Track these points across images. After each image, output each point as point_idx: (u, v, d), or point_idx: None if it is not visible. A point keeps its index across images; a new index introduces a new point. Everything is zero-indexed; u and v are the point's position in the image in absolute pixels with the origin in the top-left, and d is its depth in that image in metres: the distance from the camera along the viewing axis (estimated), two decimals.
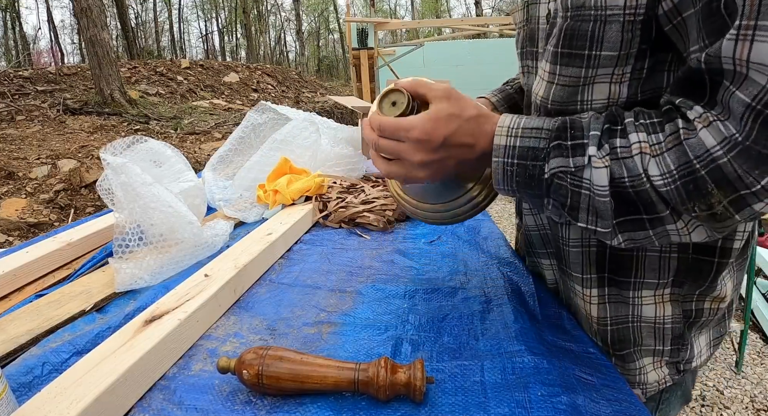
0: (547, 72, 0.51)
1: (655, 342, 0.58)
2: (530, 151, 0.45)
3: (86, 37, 5.99)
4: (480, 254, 0.79)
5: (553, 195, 0.45)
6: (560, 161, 0.44)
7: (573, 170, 0.43)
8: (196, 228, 0.78)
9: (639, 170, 0.41)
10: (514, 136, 0.46)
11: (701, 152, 0.38)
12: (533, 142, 0.45)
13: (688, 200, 0.39)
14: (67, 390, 0.43)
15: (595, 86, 0.48)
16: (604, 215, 0.43)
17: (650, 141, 0.41)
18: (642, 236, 0.44)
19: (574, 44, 0.47)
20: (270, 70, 11.31)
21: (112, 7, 16.06)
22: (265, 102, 1.26)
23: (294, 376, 0.45)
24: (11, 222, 3.16)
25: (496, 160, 0.46)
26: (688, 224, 0.42)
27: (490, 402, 0.44)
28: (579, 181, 0.43)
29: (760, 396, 1.75)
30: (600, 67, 0.47)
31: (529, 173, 0.45)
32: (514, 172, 0.46)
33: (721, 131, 0.38)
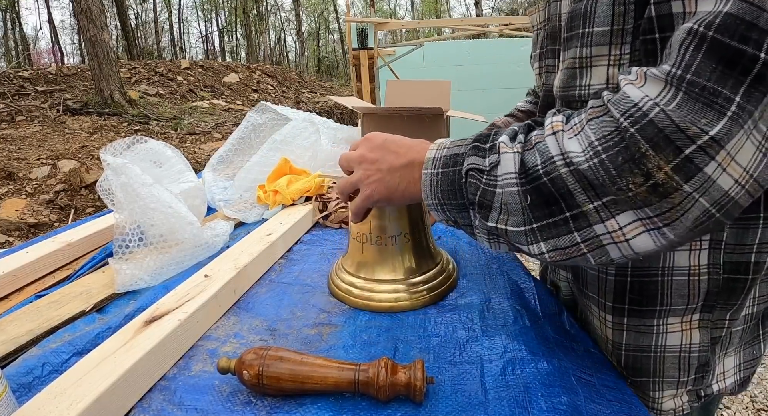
0: (561, 60, 0.51)
1: (679, 374, 0.53)
2: (452, 158, 0.45)
3: (86, 37, 5.99)
4: (480, 254, 0.79)
5: (468, 199, 0.43)
6: (474, 159, 0.42)
7: (487, 169, 0.41)
8: (196, 229, 0.78)
9: (551, 153, 0.36)
10: (443, 148, 0.47)
11: (628, 107, 0.32)
12: (456, 150, 0.45)
13: (618, 175, 0.32)
14: (67, 391, 0.43)
15: (593, 70, 0.46)
16: (514, 209, 0.38)
17: (571, 122, 0.37)
18: (567, 242, 0.37)
19: (572, 25, 0.47)
20: (270, 71, 11.31)
21: (112, 8, 16.05)
22: (265, 102, 1.26)
23: (294, 376, 0.45)
24: (11, 222, 3.16)
25: (425, 172, 0.47)
26: (623, 226, 0.34)
27: (490, 402, 0.44)
28: (494, 179, 0.40)
29: (761, 396, 1.75)
30: (594, 46, 0.45)
31: (450, 178, 0.44)
32: (438, 181, 0.45)
33: (655, 77, 0.31)
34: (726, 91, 0.29)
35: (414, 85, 1.69)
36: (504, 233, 0.41)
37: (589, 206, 0.34)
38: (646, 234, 0.34)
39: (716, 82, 0.29)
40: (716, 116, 0.29)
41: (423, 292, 0.63)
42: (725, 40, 0.29)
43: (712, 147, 0.29)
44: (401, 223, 0.63)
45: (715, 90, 0.29)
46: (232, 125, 5.78)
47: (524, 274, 0.70)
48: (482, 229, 0.43)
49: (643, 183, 0.31)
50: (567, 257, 0.38)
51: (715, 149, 0.30)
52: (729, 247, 0.47)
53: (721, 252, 0.47)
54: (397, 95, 1.68)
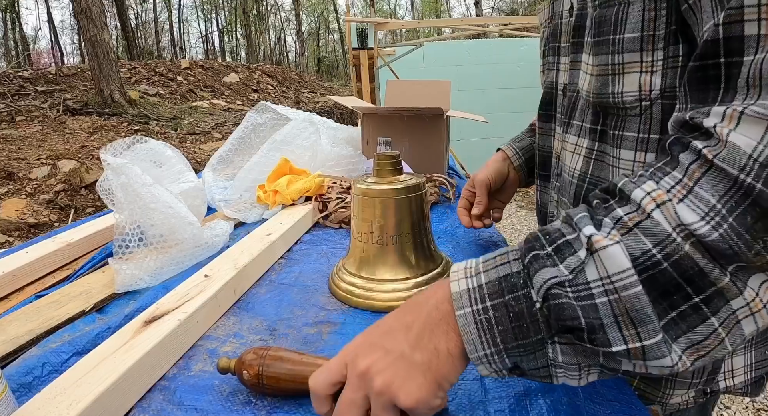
0: (588, 64, 0.50)
1: (693, 375, 0.53)
2: (503, 281, 0.33)
3: (86, 37, 5.99)
4: (480, 255, 0.79)
5: (559, 328, 0.31)
6: (548, 272, 0.31)
7: (570, 278, 0.30)
8: (196, 229, 0.78)
9: (666, 230, 0.29)
10: (476, 274, 0.35)
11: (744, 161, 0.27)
12: (503, 269, 0.34)
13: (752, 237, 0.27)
14: (67, 391, 0.43)
15: (625, 77, 0.45)
16: (644, 316, 0.29)
17: (664, 186, 0.30)
18: (705, 332, 0.29)
19: (601, 31, 0.46)
20: (270, 71, 11.31)
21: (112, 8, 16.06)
22: (265, 102, 1.26)
23: (294, 376, 0.44)
24: (11, 222, 3.16)
25: (461, 313, 0.33)
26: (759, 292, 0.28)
27: (490, 401, 0.44)
28: (586, 288, 0.30)
29: (761, 396, 1.75)
30: (625, 52, 0.44)
31: (514, 311, 0.32)
32: (492, 319, 0.32)
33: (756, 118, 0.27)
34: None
35: (414, 85, 1.69)
36: (641, 352, 0.29)
37: (725, 280, 0.28)
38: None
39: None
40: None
41: None
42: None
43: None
44: (402, 223, 0.63)
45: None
46: (232, 125, 5.78)
47: None
48: (570, 364, 0.32)
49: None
50: (707, 350, 0.30)
51: None
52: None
53: None
54: (397, 95, 1.68)
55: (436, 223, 0.95)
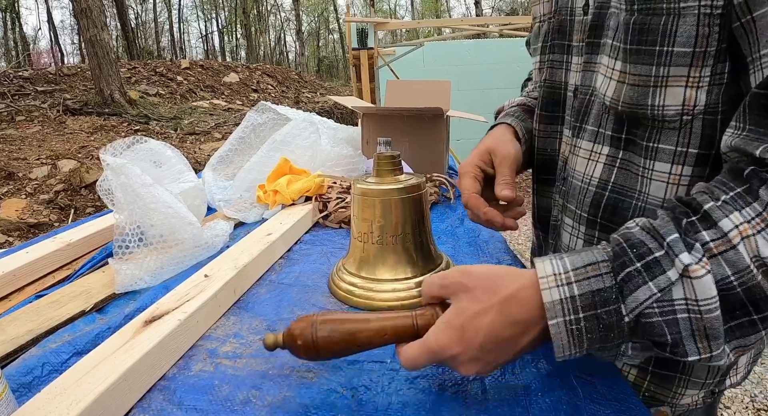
0: (616, 70, 0.47)
1: (707, 376, 0.54)
2: (596, 295, 0.35)
3: (86, 37, 5.99)
4: (480, 255, 0.79)
5: (638, 338, 0.36)
6: (641, 294, 0.34)
7: (659, 296, 0.34)
8: (196, 229, 0.78)
9: (746, 262, 0.33)
10: (567, 283, 0.36)
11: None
12: (595, 283, 0.36)
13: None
14: (67, 391, 0.43)
15: (668, 90, 0.44)
16: (716, 333, 0.34)
17: (746, 217, 0.34)
18: (753, 339, 0.35)
19: (644, 40, 0.43)
20: (270, 71, 11.31)
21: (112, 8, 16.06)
22: (265, 102, 1.26)
23: (350, 334, 0.42)
24: (11, 222, 3.16)
25: (554, 323, 0.36)
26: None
27: (490, 402, 0.44)
28: (670, 305, 0.34)
29: (761, 396, 1.75)
30: (672, 66, 0.42)
31: (604, 323, 0.35)
32: (583, 329, 0.35)
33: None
34: None
35: (414, 85, 1.69)
36: (708, 360, 0.35)
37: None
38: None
39: None
40: None
41: None
42: None
43: None
44: (402, 223, 0.63)
45: None
46: (232, 125, 5.78)
47: None
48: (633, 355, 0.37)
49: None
50: (747, 350, 0.36)
51: None
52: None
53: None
54: (397, 95, 1.68)
55: (436, 223, 0.95)
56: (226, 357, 0.53)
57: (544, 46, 0.59)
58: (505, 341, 0.38)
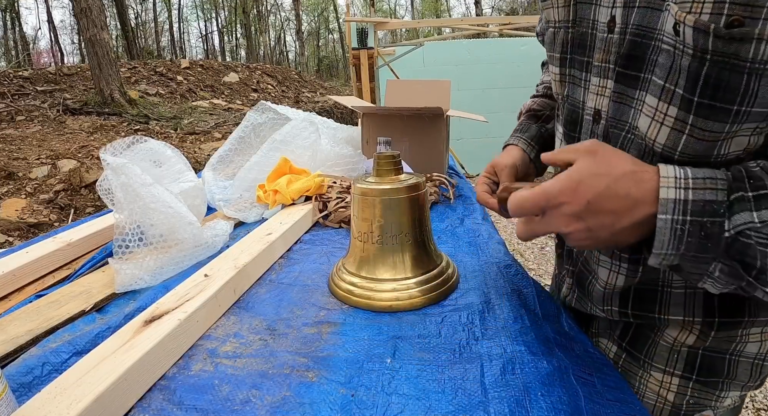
0: (672, 118, 0.43)
1: (749, 378, 0.55)
2: (707, 205, 0.38)
3: (86, 37, 5.99)
4: (480, 255, 0.79)
5: (730, 258, 0.38)
6: (746, 216, 0.37)
7: (759, 226, 0.37)
8: (196, 228, 0.78)
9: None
10: (685, 188, 0.39)
11: None
12: (710, 194, 0.38)
13: None
14: (67, 391, 0.43)
15: (734, 140, 0.42)
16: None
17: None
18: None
19: (720, 96, 0.40)
20: (270, 70, 11.31)
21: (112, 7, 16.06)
22: (265, 102, 1.26)
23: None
24: (11, 222, 3.16)
25: (663, 217, 0.38)
26: None
27: (490, 402, 0.44)
28: (765, 237, 0.37)
29: (760, 396, 1.75)
30: (746, 123, 0.41)
31: (706, 231, 0.38)
32: (686, 231, 0.38)
33: None
34: None
35: (414, 85, 1.69)
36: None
37: None
38: None
39: None
40: None
41: (423, 292, 0.63)
42: None
43: None
44: (402, 223, 0.63)
45: None
46: (232, 125, 5.78)
47: (524, 275, 0.70)
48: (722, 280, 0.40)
49: None
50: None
51: None
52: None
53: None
54: (397, 95, 1.68)
55: (436, 223, 0.95)
56: (226, 357, 0.53)
57: (563, 58, 0.55)
58: (612, 211, 0.40)
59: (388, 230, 0.63)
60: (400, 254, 0.64)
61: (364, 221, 0.65)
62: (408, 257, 0.65)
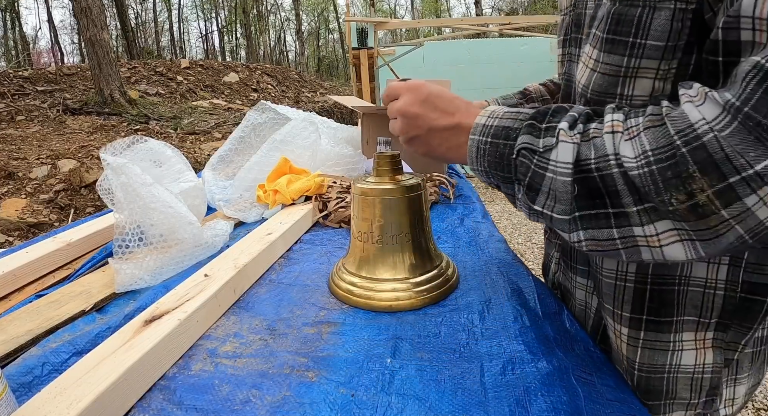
0: (592, 58, 0.48)
1: (690, 395, 0.53)
2: (504, 130, 0.44)
3: (86, 37, 5.99)
4: (480, 255, 0.79)
5: (517, 176, 0.43)
6: (528, 139, 0.42)
7: (541, 151, 0.40)
8: (196, 228, 0.78)
9: (607, 151, 0.37)
10: (495, 117, 0.46)
11: (683, 127, 0.32)
12: (509, 122, 0.45)
13: (664, 188, 0.33)
14: (67, 390, 0.43)
15: (637, 80, 0.44)
16: (562, 198, 0.39)
17: (627, 123, 0.37)
18: (605, 235, 0.38)
19: (619, 30, 0.43)
20: (270, 70, 11.31)
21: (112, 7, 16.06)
22: (265, 102, 1.26)
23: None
24: (11, 222, 3.16)
25: (472, 138, 0.47)
26: (660, 233, 0.36)
27: (490, 401, 0.44)
28: (545, 163, 0.40)
29: (760, 396, 1.75)
30: (644, 58, 0.43)
31: (500, 152, 0.44)
32: (486, 150, 0.45)
33: (714, 101, 0.32)
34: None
35: None
36: (549, 218, 0.41)
37: (632, 208, 0.36)
38: (679, 244, 0.35)
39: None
40: (765, 152, 0.29)
41: (423, 292, 0.63)
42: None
43: (756, 181, 0.30)
44: (402, 223, 0.63)
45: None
46: (232, 125, 5.78)
47: (524, 274, 0.70)
48: (525, 204, 0.44)
49: (685, 201, 0.33)
50: (602, 249, 0.39)
51: (758, 183, 0.30)
52: (750, 266, 0.46)
53: (741, 270, 0.47)
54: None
55: (436, 223, 0.95)
56: (226, 357, 0.53)
57: (566, 39, 0.59)
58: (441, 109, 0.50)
59: (388, 230, 0.63)
60: (400, 254, 0.64)
61: (364, 221, 0.65)
62: (408, 257, 0.65)
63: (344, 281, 0.66)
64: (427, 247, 0.67)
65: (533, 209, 0.42)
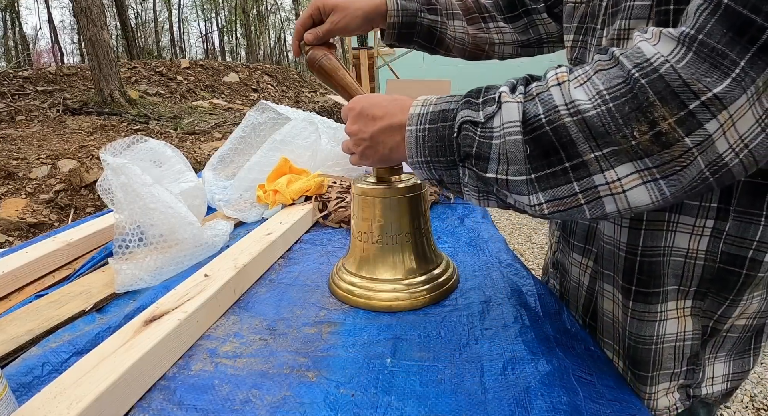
0: (605, 38, 0.50)
1: (674, 364, 0.54)
2: (441, 114, 0.44)
3: (86, 37, 5.98)
4: (480, 255, 0.79)
5: (462, 153, 0.42)
6: (468, 113, 0.42)
7: (482, 121, 0.40)
8: (196, 228, 0.78)
9: (556, 102, 0.37)
10: (428, 104, 0.46)
11: (640, 61, 0.33)
12: (444, 106, 0.45)
13: (624, 122, 0.33)
14: (67, 390, 0.43)
15: (629, 42, 0.45)
16: (516, 158, 0.38)
17: (574, 74, 0.37)
18: (566, 191, 0.38)
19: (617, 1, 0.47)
20: (270, 70, 11.31)
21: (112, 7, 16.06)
22: (265, 101, 1.26)
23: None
24: (11, 222, 3.16)
25: (409, 129, 0.46)
26: (622, 177, 0.35)
27: (490, 401, 0.44)
28: (489, 132, 0.40)
29: (760, 396, 1.75)
30: (633, 19, 0.45)
31: (440, 134, 0.44)
32: (426, 137, 0.45)
33: (669, 37, 0.33)
34: (733, 54, 0.31)
35: (414, 85, 1.69)
36: (504, 183, 0.40)
37: (590, 155, 0.36)
38: (643, 187, 0.35)
39: (725, 46, 0.31)
40: (721, 76, 0.31)
41: (423, 292, 0.63)
42: (738, 8, 0.31)
43: (715, 105, 0.31)
44: (402, 222, 0.63)
45: (723, 52, 0.31)
46: (232, 125, 5.78)
47: (524, 274, 0.70)
48: (472, 185, 0.43)
49: (647, 131, 0.33)
50: (564, 208, 0.39)
51: (717, 107, 0.31)
52: (729, 238, 0.48)
53: (721, 242, 0.48)
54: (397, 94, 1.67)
55: (436, 223, 0.95)
56: (226, 357, 0.53)
57: (579, 26, 0.60)
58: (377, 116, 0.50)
59: (388, 230, 0.63)
60: (400, 254, 0.64)
61: (364, 221, 0.65)
62: (408, 257, 0.65)
63: (344, 281, 0.66)
64: (427, 247, 0.67)
65: (486, 178, 0.41)
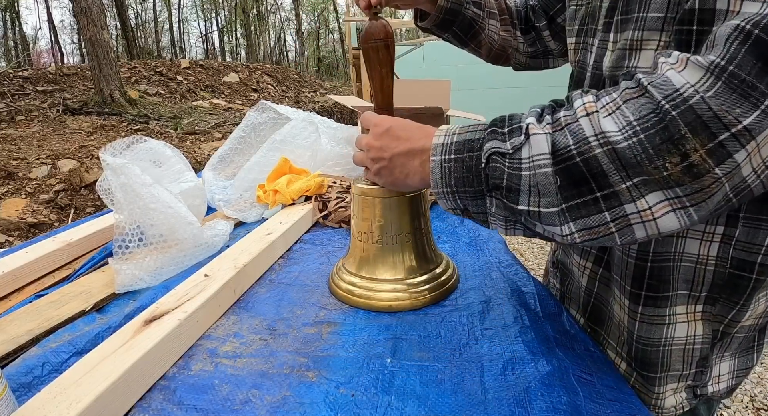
0: (611, 42, 0.51)
1: (683, 366, 0.55)
2: (467, 144, 0.44)
3: (86, 37, 5.98)
4: (480, 255, 0.79)
5: (491, 184, 0.42)
6: (495, 144, 0.41)
7: (510, 152, 0.40)
8: (196, 229, 0.78)
9: (586, 133, 0.36)
10: (452, 134, 0.46)
11: (669, 92, 0.33)
12: (469, 135, 0.45)
13: (656, 154, 0.33)
14: (67, 391, 0.43)
15: (642, 53, 0.47)
16: (547, 191, 0.38)
17: (601, 102, 0.37)
18: (597, 221, 0.38)
19: (628, 9, 0.48)
20: (270, 70, 11.31)
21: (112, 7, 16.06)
22: (265, 101, 1.26)
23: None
24: (11, 222, 3.16)
25: (433, 159, 0.46)
26: (652, 205, 0.36)
27: (490, 402, 0.44)
28: (518, 163, 0.40)
29: (760, 396, 1.75)
30: (646, 30, 0.45)
31: (467, 165, 0.43)
32: (452, 167, 0.44)
33: (697, 66, 0.33)
34: (762, 86, 0.31)
35: (414, 85, 1.69)
36: (537, 215, 0.40)
37: (621, 185, 0.36)
38: (672, 214, 0.36)
39: (755, 77, 0.31)
40: (750, 107, 0.31)
41: (423, 292, 0.63)
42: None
43: (744, 136, 0.32)
44: (402, 222, 0.63)
45: (753, 84, 0.31)
46: (232, 125, 5.78)
47: (524, 274, 0.70)
48: (499, 215, 0.43)
49: (679, 163, 0.33)
50: (596, 236, 0.39)
51: (746, 138, 0.32)
52: (739, 244, 0.48)
53: (731, 248, 0.48)
54: (397, 95, 1.67)
55: (436, 222, 0.95)
56: (226, 357, 0.53)
57: (580, 28, 0.61)
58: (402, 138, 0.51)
59: (388, 230, 0.63)
60: (400, 254, 0.64)
61: (364, 221, 0.65)
62: (408, 257, 0.65)
63: (344, 281, 0.66)
64: (427, 247, 0.67)
65: (517, 210, 0.41)
